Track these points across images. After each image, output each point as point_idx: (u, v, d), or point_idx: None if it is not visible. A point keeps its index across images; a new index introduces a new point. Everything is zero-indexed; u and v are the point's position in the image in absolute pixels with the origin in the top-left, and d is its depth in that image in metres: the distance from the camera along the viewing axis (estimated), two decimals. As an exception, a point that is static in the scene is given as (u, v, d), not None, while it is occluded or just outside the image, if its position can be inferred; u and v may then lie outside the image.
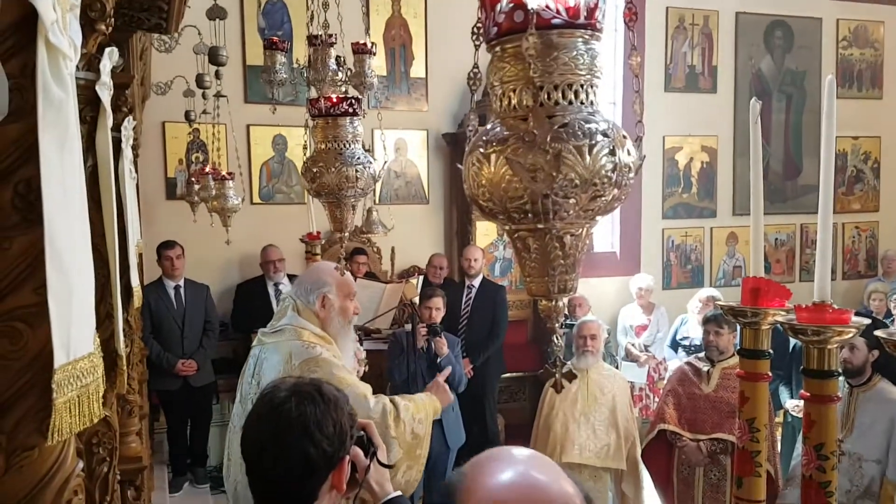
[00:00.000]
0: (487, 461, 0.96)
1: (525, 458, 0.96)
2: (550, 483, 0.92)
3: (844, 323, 1.32)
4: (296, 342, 2.41)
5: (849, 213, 8.12)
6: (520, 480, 0.92)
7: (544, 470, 0.94)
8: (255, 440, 1.46)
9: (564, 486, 0.92)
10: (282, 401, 1.45)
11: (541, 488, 0.91)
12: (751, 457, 1.54)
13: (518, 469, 0.94)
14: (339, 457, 1.46)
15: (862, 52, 8.01)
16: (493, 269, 6.62)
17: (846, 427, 3.84)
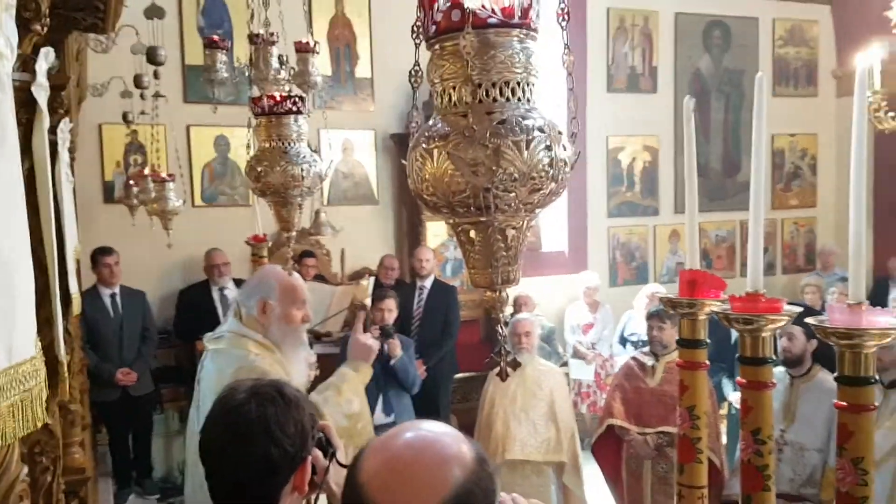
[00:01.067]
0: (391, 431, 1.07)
1: (420, 422, 1.07)
2: (439, 435, 1.02)
3: (777, 311, 1.37)
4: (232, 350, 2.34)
5: (787, 209, 8.41)
6: (411, 433, 1.03)
7: (435, 427, 1.05)
8: (214, 443, 1.44)
9: (452, 441, 1.01)
10: (240, 402, 1.44)
11: (426, 438, 1.02)
12: (692, 444, 1.59)
13: (412, 426, 1.05)
14: (300, 457, 1.46)
15: (798, 50, 8.29)
16: (444, 270, 6.64)
17: (788, 417, 3.98)
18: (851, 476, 1.27)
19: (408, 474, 0.99)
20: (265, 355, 2.33)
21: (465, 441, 1.04)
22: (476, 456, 1.02)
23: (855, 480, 1.27)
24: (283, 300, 2.40)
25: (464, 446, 1.03)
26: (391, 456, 1.02)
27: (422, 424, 1.08)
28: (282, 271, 2.48)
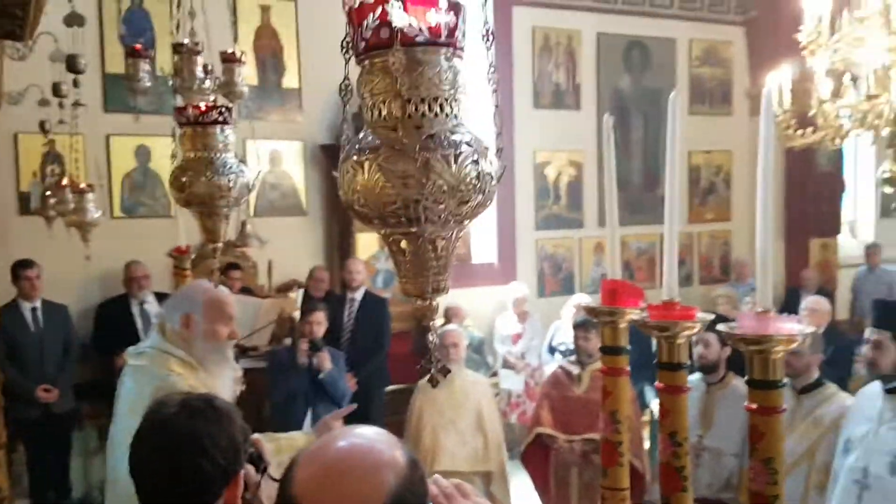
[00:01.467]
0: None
1: (353, 428, 1.08)
2: (372, 442, 1.03)
3: (691, 319, 1.44)
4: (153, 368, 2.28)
5: (704, 222, 8.76)
6: (343, 442, 1.04)
7: (368, 433, 1.06)
8: (144, 458, 1.41)
9: (385, 447, 1.03)
10: (171, 415, 1.42)
11: (359, 446, 1.03)
12: (615, 447, 1.64)
13: (344, 433, 1.06)
14: (233, 471, 1.45)
15: (713, 70, 8.67)
16: (375, 281, 6.63)
17: (705, 424, 4.13)
18: (763, 476, 1.34)
19: (341, 484, 0.99)
20: (187, 374, 2.27)
21: (398, 446, 1.05)
22: (408, 461, 1.03)
23: (766, 480, 1.33)
24: (208, 315, 2.34)
25: (397, 452, 1.04)
26: (323, 466, 1.01)
27: (354, 430, 1.08)
28: (209, 286, 2.43)
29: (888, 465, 3.24)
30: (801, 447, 3.72)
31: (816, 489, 3.64)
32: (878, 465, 3.26)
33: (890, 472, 3.24)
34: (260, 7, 6.54)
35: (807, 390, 3.75)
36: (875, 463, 3.27)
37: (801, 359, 3.73)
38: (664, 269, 1.51)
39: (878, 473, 3.26)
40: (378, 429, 1.10)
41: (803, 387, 3.75)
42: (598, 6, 7.93)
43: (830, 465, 3.57)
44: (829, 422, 3.67)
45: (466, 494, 1.17)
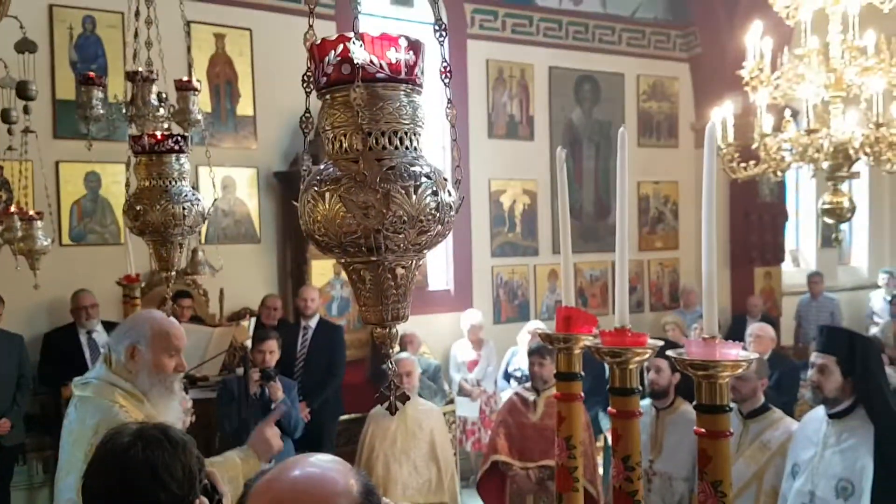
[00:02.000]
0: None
1: (307, 456, 1.08)
2: (325, 471, 1.04)
3: (642, 345, 1.49)
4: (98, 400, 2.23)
5: (653, 250, 8.96)
6: (297, 471, 1.04)
7: (322, 461, 1.06)
8: (99, 489, 1.39)
9: (339, 476, 1.03)
10: (126, 446, 1.40)
11: (312, 475, 1.03)
12: (569, 473, 1.67)
13: (297, 463, 1.06)
14: (188, 501, 1.43)
15: (660, 105, 8.95)
16: (330, 309, 6.59)
17: (655, 448, 4.19)
18: (711, 498, 1.37)
19: None
20: (132, 408, 2.22)
21: (353, 474, 1.06)
22: (363, 488, 1.04)
23: (715, 502, 1.37)
24: (154, 347, 2.30)
25: (351, 479, 1.04)
26: (276, 497, 1.01)
27: (309, 459, 1.08)
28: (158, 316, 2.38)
29: (834, 488, 3.33)
30: (749, 471, 3.79)
31: (765, 512, 3.73)
32: (825, 489, 3.35)
33: (835, 495, 3.32)
34: (214, 35, 6.53)
35: (753, 415, 3.84)
36: (821, 487, 3.36)
37: (747, 384, 3.83)
38: (616, 297, 1.56)
39: (824, 497, 3.34)
40: (333, 457, 1.10)
41: (750, 412, 3.84)
42: (549, 41, 8.15)
43: (778, 489, 3.65)
44: (775, 446, 3.76)
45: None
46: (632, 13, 8.63)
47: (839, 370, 3.34)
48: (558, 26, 8.17)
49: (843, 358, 3.34)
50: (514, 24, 7.95)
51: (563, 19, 8.18)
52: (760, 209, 8.81)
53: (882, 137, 3.92)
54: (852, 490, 3.27)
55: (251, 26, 6.62)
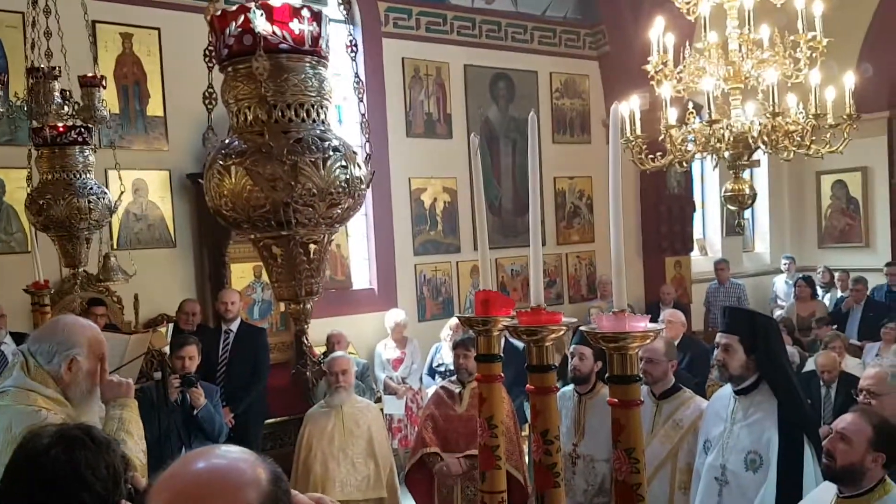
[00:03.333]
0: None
1: (213, 448, 1.06)
2: (232, 461, 1.02)
3: (556, 322, 1.54)
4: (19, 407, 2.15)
5: (570, 244, 9.18)
6: (202, 463, 1.02)
7: (229, 452, 1.04)
8: (18, 493, 1.33)
9: (246, 466, 1.01)
10: (46, 447, 1.35)
11: (217, 466, 1.01)
12: (491, 452, 1.71)
13: (202, 455, 1.04)
14: (113, 500, 1.39)
15: (572, 102, 9.18)
16: (251, 312, 6.46)
17: (578, 432, 4.30)
18: (626, 465, 1.42)
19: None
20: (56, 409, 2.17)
21: (261, 463, 1.04)
22: (271, 476, 1.02)
23: (629, 469, 1.42)
24: (90, 356, 2.28)
25: (259, 469, 1.02)
26: (180, 490, 0.99)
27: (215, 450, 1.06)
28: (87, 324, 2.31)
29: (743, 461, 3.50)
30: (664, 450, 3.94)
31: (681, 489, 3.87)
32: (735, 462, 3.51)
33: (745, 467, 3.49)
34: (121, 35, 6.31)
35: (665, 396, 4.00)
36: (732, 460, 3.52)
37: (657, 366, 3.98)
38: (531, 276, 1.60)
39: (734, 470, 3.51)
40: (241, 448, 1.08)
41: (662, 393, 4.00)
42: (464, 40, 8.24)
43: (692, 466, 3.81)
44: (687, 424, 3.93)
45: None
46: (542, 12, 8.82)
47: (742, 348, 3.52)
48: (472, 25, 8.28)
49: (745, 337, 3.52)
50: (429, 23, 8.00)
51: (477, 18, 8.29)
52: (669, 201, 9.16)
53: (778, 126, 4.12)
54: (760, 462, 3.45)
55: (159, 25, 6.43)
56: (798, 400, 3.49)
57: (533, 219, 1.55)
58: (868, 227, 10.80)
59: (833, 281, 9.80)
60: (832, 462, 2.73)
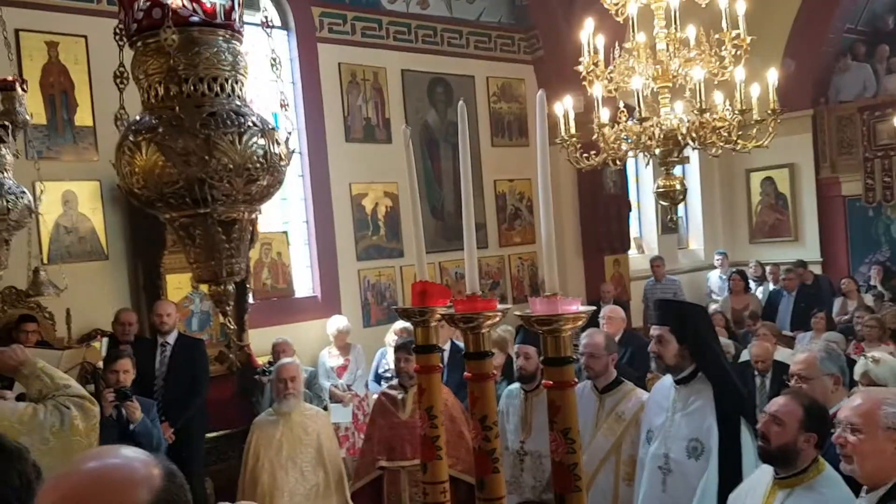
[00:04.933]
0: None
1: (107, 449, 1.07)
2: (126, 460, 1.03)
3: (492, 309, 1.55)
4: None
5: (512, 245, 9.26)
6: (93, 463, 1.02)
7: (122, 453, 1.05)
8: None
9: (139, 465, 1.02)
10: None
11: (109, 465, 1.02)
12: (432, 442, 1.70)
13: (93, 455, 1.05)
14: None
15: (509, 105, 9.27)
16: (189, 324, 6.30)
17: (525, 429, 4.33)
18: (562, 446, 1.44)
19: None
20: None
21: (156, 463, 1.05)
22: (165, 472, 1.03)
23: (565, 449, 1.44)
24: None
25: (152, 467, 1.03)
26: (69, 490, 0.98)
27: (109, 451, 1.07)
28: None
29: (685, 448, 3.58)
30: (608, 443, 4.00)
31: (625, 481, 3.93)
32: (677, 451, 3.58)
33: (687, 455, 3.57)
34: (46, 43, 6.10)
35: (607, 389, 4.07)
36: (674, 449, 3.60)
37: (598, 360, 4.05)
38: (466, 268, 1.61)
39: (677, 458, 3.58)
40: (137, 448, 1.09)
41: (604, 387, 4.07)
42: (400, 45, 8.25)
43: (636, 457, 3.87)
44: (629, 416, 4.00)
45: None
46: (477, 17, 8.90)
47: (675, 338, 3.61)
48: (408, 30, 8.30)
49: (676, 327, 3.61)
50: (364, 28, 7.99)
51: (412, 23, 8.31)
52: (606, 201, 9.34)
53: (706, 123, 4.25)
54: (702, 449, 3.53)
55: (86, 33, 6.25)
56: (732, 385, 3.58)
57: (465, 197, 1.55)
58: (796, 222, 11.23)
59: (765, 274, 10.15)
60: (767, 444, 2.81)
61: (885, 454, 2.36)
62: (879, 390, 2.47)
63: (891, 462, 2.36)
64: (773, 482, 2.81)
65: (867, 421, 2.38)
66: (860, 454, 2.39)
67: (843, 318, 8.21)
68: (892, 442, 2.35)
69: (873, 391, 2.47)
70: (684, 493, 3.48)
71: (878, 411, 2.38)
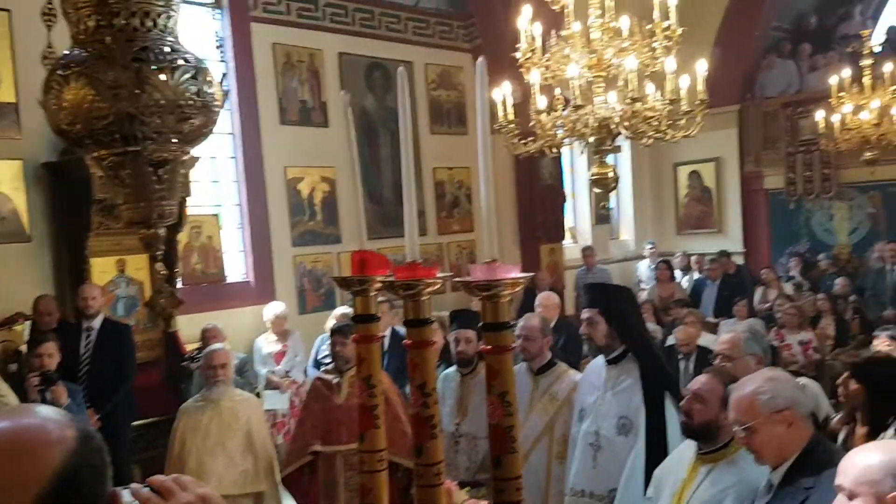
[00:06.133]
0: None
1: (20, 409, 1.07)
2: (42, 420, 1.02)
3: (432, 276, 1.56)
4: None
5: (451, 233, 9.30)
6: (3, 422, 1.01)
7: (36, 413, 1.05)
8: None
9: (54, 426, 1.01)
10: None
11: (22, 425, 1.01)
12: (370, 411, 1.70)
13: (8, 413, 1.06)
14: None
15: (448, 93, 9.28)
16: (115, 309, 6.10)
17: (461, 411, 4.37)
18: (500, 409, 1.46)
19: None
20: None
21: (72, 424, 1.04)
22: (80, 434, 1.02)
23: (502, 412, 1.46)
24: None
25: (67, 429, 1.02)
26: None
27: (23, 410, 1.07)
28: None
29: (615, 426, 3.69)
30: (542, 423, 4.09)
31: (558, 459, 4.03)
32: (607, 428, 3.69)
33: (617, 432, 3.68)
34: (-35, 17, 5.79)
35: (542, 371, 4.15)
36: (605, 426, 3.70)
37: (534, 343, 4.13)
38: (406, 235, 1.61)
39: (607, 435, 3.69)
40: (54, 409, 1.08)
41: (539, 368, 4.15)
42: (337, 27, 8.14)
43: (568, 437, 3.97)
44: (563, 397, 4.09)
45: (185, 486, 1.12)
46: (415, 2, 8.87)
47: (603, 320, 3.73)
48: (345, 12, 8.19)
49: (603, 308, 3.73)
50: (300, 9, 7.85)
51: (349, 6, 8.21)
52: (542, 191, 9.49)
53: (638, 112, 4.35)
54: (630, 425, 3.64)
55: (10, 7, 5.95)
56: (656, 362, 3.71)
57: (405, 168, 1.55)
58: (721, 214, 11.63)
59: (690, 264, 10.50)
60: (690, 421, 2.92)
61: (780, 434, 2.47)
62: (745, 384, 2.59)
63: (787, 438, 2.47)
64: (696, 457, 2.92)
65: (751, 415, 2.49)
66: (759, 446, 2.51)
67: (764, 307, 8.55)
68: (780, 423, 2.46)
69: (741, 387, 2.59)
70: (614, 469, 3.59)
71: (756, 403, 2.48)
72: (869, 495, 1.83)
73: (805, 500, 2.35)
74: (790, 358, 6.69)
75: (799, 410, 2.50)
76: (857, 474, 1.88)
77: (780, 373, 2.70)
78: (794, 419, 2.48)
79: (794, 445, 2.48)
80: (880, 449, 1.98)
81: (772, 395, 2.48)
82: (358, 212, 1.85)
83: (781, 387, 2.51)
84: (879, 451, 1.95)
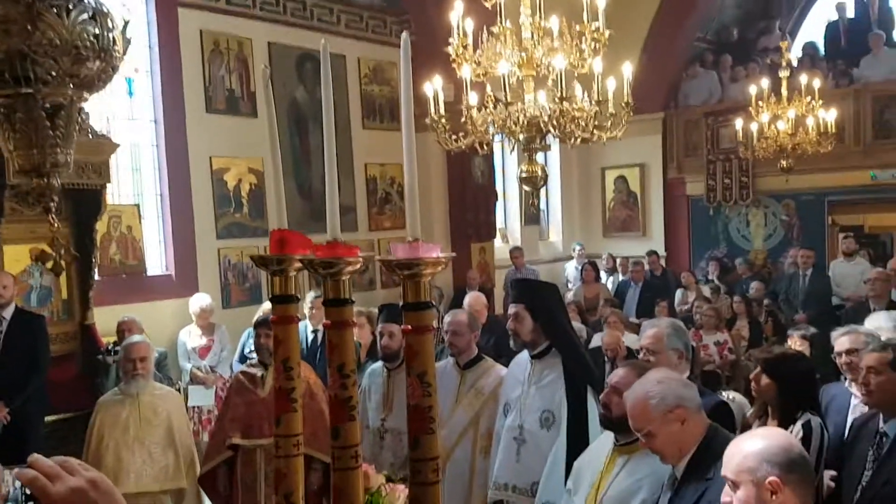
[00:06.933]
0: None
1: None
2: None
3: (353, 255, 1.52)
4: None
5: (383, 230, 9.21)
6: None
7: None
8: None
9: None
10: None
11: None
12: (287, 395, 1.66)
13: None
14: None
15: (381, 88, 9.20)
16: (28, 300, 5.81)
17: (387, 407, 4.34)
18: (418, 390, 1.44)
19: None
20: None
21: None
22: None
23: (421, 393, 1.44)
24: None
25: None
26: None
27: None
28: None
29: (538, 420, 3.73)
30: (467, 417, 4.11)
31: (482, 454, 4.05)
32: (531, 422, 3.74)
33: (540, 425, 3.72)
34: None
35: (469, 366, 4.17)
36: (528, 420, 3.75)
37: (461, 338, 4.15)
38: (328, 211, 1.57)
39: (531, 429, 3.73)
40: None
41: (466, 363, 4.17)
42: (267, 16, 7.96)
43: (493, 431, 3.99)
44: (488, 391, 4.12)
45: (73, 470, 1.06)
46: (349, -5, 8.77)
47: (529, 315, 3.77)
48: (276, 2, 8.03)
49: (529, 304, 3.78)
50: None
51: (281, -6, 8.05)
52: (474, 190, 9.54)
53: (566, 111, 4.41)
54: (553, 419, 3.69)
55: None
56: (579, 356, 3.78)
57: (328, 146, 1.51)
58: (645, 218, 11.98)
59: (615, 266, 10.76)
60: (608, 413, 2.98)
61: (676, 433, 2.56)
62: (635, 390, 2.67)
63: (683, 435, 2.57)
64: (614, 448, 2.99)
65: (646, 420, 2.58)
66: (660, 448, 2.60)
67: (684, 308, 8.83)
68: (674, 421, 2.56)
69: (632, 394, 2.67)
70: (537, 462, 3.63)
71: (648, 407, 2.57)
72: (748, 483, 1.90)
73: (706, 491, 2.44)
74: (707, 358, 6.92)
75: (689, 406, 2.59)
76: (736, 464, 1.95)
77: (665, 373, 2.78)
78: (687, 415, 2.57)
79: (691, 440, 2.57)
80: (759, 435, 2.06)
81: (661, 396, 2.56)
82: (279, 199, 1.80)
83: (668, 387, 2.60)
84: (758, 437, 2.02)
